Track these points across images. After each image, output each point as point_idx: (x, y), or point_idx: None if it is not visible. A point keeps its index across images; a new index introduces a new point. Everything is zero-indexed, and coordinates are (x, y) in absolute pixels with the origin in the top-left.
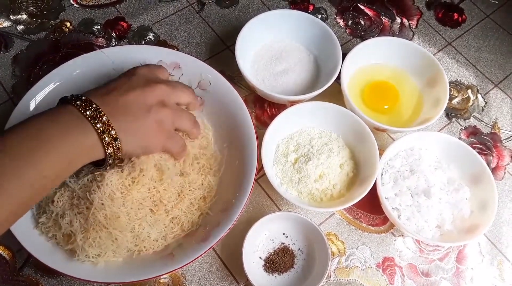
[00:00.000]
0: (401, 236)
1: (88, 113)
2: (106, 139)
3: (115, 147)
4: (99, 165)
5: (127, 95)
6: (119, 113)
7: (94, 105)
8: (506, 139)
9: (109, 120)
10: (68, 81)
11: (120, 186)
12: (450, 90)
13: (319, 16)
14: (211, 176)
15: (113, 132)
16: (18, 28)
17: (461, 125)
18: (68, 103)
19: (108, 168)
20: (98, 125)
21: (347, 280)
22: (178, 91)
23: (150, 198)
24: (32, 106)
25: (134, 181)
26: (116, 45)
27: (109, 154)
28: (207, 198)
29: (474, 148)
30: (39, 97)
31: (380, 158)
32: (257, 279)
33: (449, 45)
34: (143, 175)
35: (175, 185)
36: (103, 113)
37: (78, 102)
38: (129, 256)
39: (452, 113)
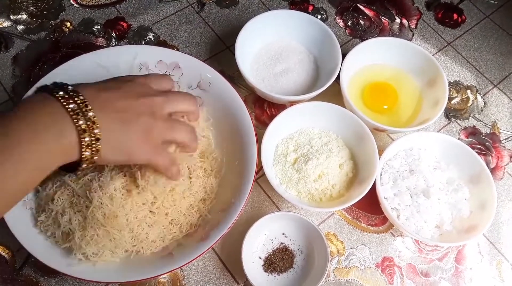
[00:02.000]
0: (400, 236)
1: (71, 106)
2: (87, 139)
3: (94, 149)
4: (67, 169)
5: (119, 97)
6: (108, 111)
7: (81, 97)
8: (505, 139)
9: (95, 117)
10: (68, 81)
11: (121, 188)
12: (450, 91)
13: (319, 17)
14: (212, 177)
15: (96, 130)
16: (18, 28)
17: (460, 125)
18: (48, 92)
19: (78, 173)
20: (80, 122)
21: (346, 280)
22: (174, 101)
23: (152, 202)
24: None
25: (137, 186)
26: (116, 45)
27: (84, 157)
28: (207, 200)
29: (473, 148)
30: None
31: (379, 158)
32: (257, 279)
33: (448, 46)
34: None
35: (178, 190)
36: (89, 107)
37: (61, 93)
38: (127, 256)
39: (451, 113)
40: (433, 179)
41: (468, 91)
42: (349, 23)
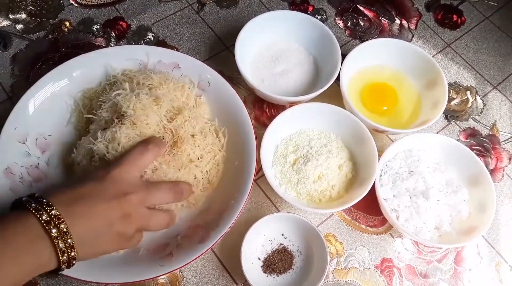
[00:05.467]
0: (399, 237)
1: (43, 217)
2: (61, 245)
3: (70, 256)
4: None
5: (93, 208)
6: (80, 222)
7: (53, 212)
8: (505, 140)
9: (67, 228)
10: (67, 81)
11: None
12: (449, 92)
13: (319, 17)
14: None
15: (70, 240)
16: (17, 27)
17: (459, 126)
18: (22, 207)
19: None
20: (53, 231)
21: (345, 281)
22: (152, 195)
23: None
24: (31, 105)
25: None
26: (115, 45)
27: (63, 261)
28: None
29: (472, 149)
30: (38, 96)
31: (379, 159)
32: (256, 280)
33: (448, 47)
34: None
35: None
36: (62, 219)
37: (33, 204)
38: (127, 256)
39: (450, 115)
40: (433, 180)
41: (468, 92)
42: (349, 24)
